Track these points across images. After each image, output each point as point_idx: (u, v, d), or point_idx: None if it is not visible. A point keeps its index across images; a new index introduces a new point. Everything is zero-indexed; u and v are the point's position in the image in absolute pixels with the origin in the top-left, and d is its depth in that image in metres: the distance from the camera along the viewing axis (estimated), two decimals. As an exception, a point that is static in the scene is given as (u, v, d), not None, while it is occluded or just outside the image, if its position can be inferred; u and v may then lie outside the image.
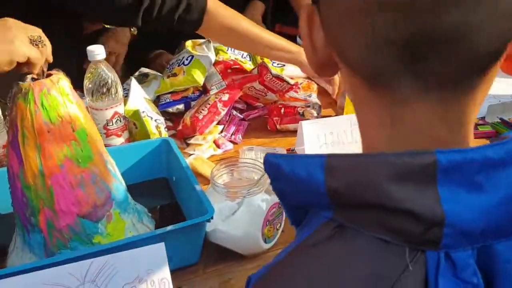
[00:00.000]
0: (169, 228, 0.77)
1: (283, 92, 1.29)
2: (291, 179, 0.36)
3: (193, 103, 1.27)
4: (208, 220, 0.79)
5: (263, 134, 1.26)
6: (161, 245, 0.72)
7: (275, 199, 0.86)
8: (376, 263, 0.32)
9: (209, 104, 1.18)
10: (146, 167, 1.02)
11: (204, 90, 1.29)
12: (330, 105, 1.39)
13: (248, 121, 1.31)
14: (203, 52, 1.30)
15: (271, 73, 1.24)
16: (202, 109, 1.17)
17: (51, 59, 0.75)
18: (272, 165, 0.37)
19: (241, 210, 0.85)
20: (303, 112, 1.25)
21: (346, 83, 0.40)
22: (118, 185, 0.83)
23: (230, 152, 1.19)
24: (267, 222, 0.84)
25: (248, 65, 1.32)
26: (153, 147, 1.03)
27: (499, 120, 1.27)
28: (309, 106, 1.27)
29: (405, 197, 0.32)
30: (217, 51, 1.36)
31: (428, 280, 0.31)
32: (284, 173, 0.36)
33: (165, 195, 1.01)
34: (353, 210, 0.34)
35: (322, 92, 1.44)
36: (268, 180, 0.87)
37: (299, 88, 1.33)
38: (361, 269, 0.32)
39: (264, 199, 0.85)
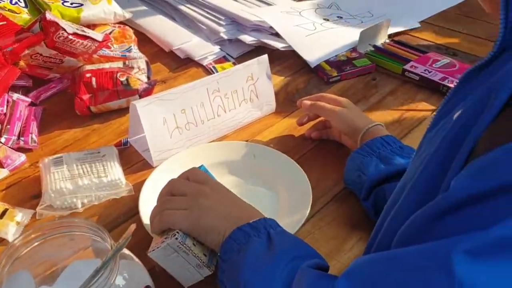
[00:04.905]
0: None
1: (89, 53, 0.83)
2: None
3: None
4: None
5: (70, 123, 0.82)
6: None
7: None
8: None
9: (-35, 98, 0.68)
10: None
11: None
12: (158, 57, 0.97)
13: (42, 105, 0.84)
14: None
15: (64, 29, 0.76)
16: (-46, 111, 0.67)
17: None
18: None
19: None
20: (126, 80, 0.83)
21: None
22: None
23: (23, 170, 0.73)
24: None
25: (26, 16, 0.81)
26: None
27: (372, 48, 1.02)
28: (132, 68, 0.85)
29: None
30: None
31: None
32: None
33: None
34: None
35: (145, 39, 1.00)
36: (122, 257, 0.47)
37: (111, 40, 0.89)
38: None
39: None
